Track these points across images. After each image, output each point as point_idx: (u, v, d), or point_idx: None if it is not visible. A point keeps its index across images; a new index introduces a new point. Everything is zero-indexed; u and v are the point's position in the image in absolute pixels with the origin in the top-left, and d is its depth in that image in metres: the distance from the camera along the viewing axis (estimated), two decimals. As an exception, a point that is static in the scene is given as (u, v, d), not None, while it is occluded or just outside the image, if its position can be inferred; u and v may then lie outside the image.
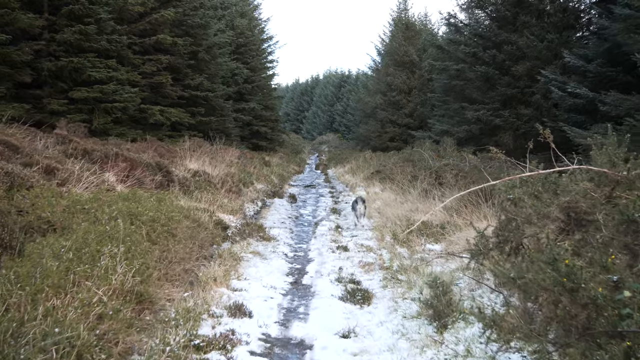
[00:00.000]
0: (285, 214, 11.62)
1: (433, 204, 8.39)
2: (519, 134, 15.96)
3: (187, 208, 6.40)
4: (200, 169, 10.46)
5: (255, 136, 29.77)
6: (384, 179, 13.15)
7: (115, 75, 14.69)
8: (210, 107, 20.67)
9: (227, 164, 13.37)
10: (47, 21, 13.69)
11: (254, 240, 7.84)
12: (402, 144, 31.18)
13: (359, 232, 9.54)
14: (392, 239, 7.71)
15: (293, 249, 8.22)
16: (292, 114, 78.97)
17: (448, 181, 10.67)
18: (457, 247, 6.05)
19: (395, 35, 34.23)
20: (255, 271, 6.39)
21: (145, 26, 17.26)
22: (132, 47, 17.02)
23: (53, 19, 13.80)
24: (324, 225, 10.37)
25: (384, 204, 10.44)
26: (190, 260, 4.82)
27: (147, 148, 11.60)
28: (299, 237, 9.42)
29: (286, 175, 20.52)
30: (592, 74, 12.39)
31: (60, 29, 13.76)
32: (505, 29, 16.59)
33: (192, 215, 5.93)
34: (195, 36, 19.47)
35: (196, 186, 8.84)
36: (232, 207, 9.33)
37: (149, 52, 17.77)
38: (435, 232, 7.33)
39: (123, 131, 15.23)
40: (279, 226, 9.97)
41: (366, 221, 10.84)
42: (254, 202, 12.00)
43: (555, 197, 2.90)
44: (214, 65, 21.62)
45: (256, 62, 31.06)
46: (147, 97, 17.20)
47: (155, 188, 7.01)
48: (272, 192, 14.97)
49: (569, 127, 11.00)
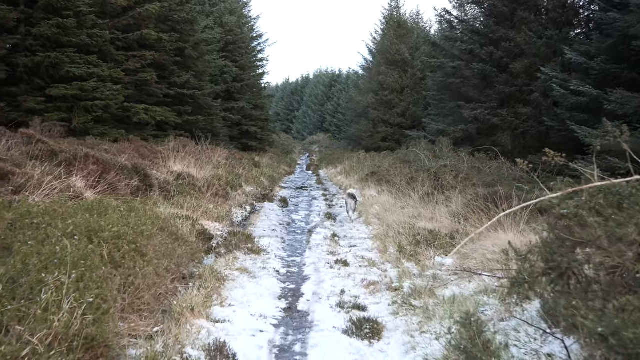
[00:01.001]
0: (276, 220, 10.76)
1: (437, 209, 7.75)
2: (517, 134, 15.45)
3: (165, 217, 5.58)
4: (184, 171, 9.73)
5: (244, 136, 29.09)
6: (380, 181, 12.50)
7: (96, 72, 13.96)
8: (197, 105, 19.95)
9: (215, 165, 12.66)
10: (23, 14, 12.93)
11: (241, 253, 6.94)
12: (394, 144, 30.76)
13: (357, 241, 8.68)
14: (397, 252, 6.84)
15: (286, 264, 7.31)
16: (283, 113, 78.40)
17: (448, 183, 10.10)
18: (473, 262, 5.39)
19: (387, 33, 33.74)
20: (242, 294, 5.46)
21: (128, 21, 16.53)
22: (115, 43, 16.29)
23: (29, 12, 13.04)
24: (318, 233, 9.52)
25: (382, 209, 9.73)
26: (164, 285, 4.04)
27: (128, 149, 10.90)
28: (291, 248, 8.51)
29: (277, 177, 19.81)
30: (596, 71, 11.89)
31: (37, 23, 13.02)
32: (502, 25, 16.07)
33: (170, 226, 5.08)
34: (181, 32, 18.75)
35: (179, 190, 8.10)
36: (218, 214, 8.55)
37: (133, 48, 17.03)
38: (445, 244, 6.47)
39: (105, 131, 14.50)
40: (270, 235, 9.12)
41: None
42: (243, 206, 11.27)
43: (622, 212, 2.31)
44: (202, 63, 20.91)
45: (245, 61, 30.39)
46: (131, 95, 16.47)
47: (130, 194, 6.30)
48: (262, 195, 14.24)
49: (578, 126, 10.46)
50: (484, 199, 6.83)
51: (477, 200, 6.89)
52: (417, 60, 31.73)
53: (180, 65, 19.19)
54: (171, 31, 18.11)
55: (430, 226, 7.09)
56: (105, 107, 14.17)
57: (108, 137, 14.19)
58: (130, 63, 16.39)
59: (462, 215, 6.94)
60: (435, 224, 7.18)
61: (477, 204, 6.80)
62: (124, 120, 16.47)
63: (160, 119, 16.90)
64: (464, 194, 8.05)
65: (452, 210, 7.40)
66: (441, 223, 7.23)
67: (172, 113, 17.73)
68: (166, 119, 17.19)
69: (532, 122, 14.98)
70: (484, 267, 4.82)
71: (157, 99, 17.74)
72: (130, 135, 15.47)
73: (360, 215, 11.36)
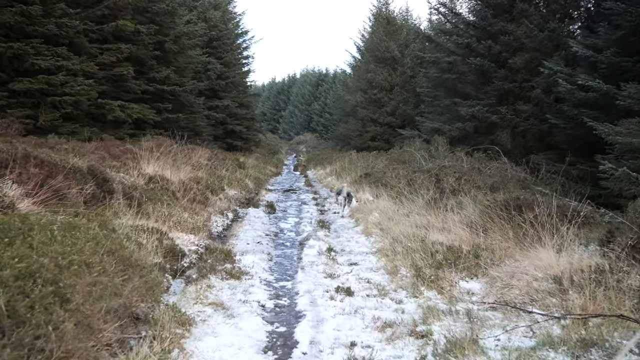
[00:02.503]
0: (261, 230, 9.38)
1: (448, 217, 6.69)
2: (517, 132, 14.65)
3: (121, 234, 4.51)
4: (158, 173, 8.60)
5: (229, 135, 28.04)
6: (376, 183, 11.48)
7: (65, 65, 12.81)
8: (178, 103, 18.83)
9: (194, 166, 11.57)
10: (-19, 0, 11.78)
11: (217, 278, 5.53)
12: (384, 144, 30.02)
13: (358, 256, 7.27)
14: (412, 275, 5.47)
15: (273, 293, 5.76)
16: (269, 113, 77.45)
17: (451, 186, 9.20)
18: (514, 292, 4.21)
19: (376, 30, 32.95)
20: (215, 346, 3.94)
21: (103, 11, 15.37)
22: (88, 35, 15.13)
23: (-11, -2, 11.88)
24: (311, 246, 8.08)
25: (384, 217, 8.44)
26: (94, 348, 2.73)
27: (99, 148, 9.81)
28: (280, 267, 7.05)
29: (263, 179, 18.67)
30: (605, 64, 11.10)
31: (-2, 10, 11.85)
32: (501, 17, 15.26)
33: (123, 248, 3.96)
34: (161, 24, 17.63)
35: (149, 196, 6.93)
36: (193, 223, 7.21)
37: (108, 40, 15.89)
38: (470, 265, 5.19)
39: (75, 129, 13.36)
40: (254, 249, 7.65)
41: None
42: (224, 213, 9.96)
43: None
44: (183, 58, 19.78)
45: (230, 57, 29.33)
46: (106, 91, 15.33)
47: (83, 203, 5.22)
48: (247, 199, 13.02)
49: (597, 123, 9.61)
50: (503, 205, 5.88)
51: (495, 207, 5.94)
52: (406, 57, 31.00)
53: (160, 59, 18.06)
54: (150, 23, 16.98)
55: (444, 239, 6.00)
56: (75, 103, 13.04)
57: (79, 136, 13.06)
58: (105, 56, 15.25)
59: (480, 225, 5.94)
60: (449, 236, 6.09)
61: (497, 211, 5.84)
62: (99, 117, 15.33)
63: (137, 117, 15.77)
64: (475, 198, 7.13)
65: (466, 218, 6.38)
66: (456, 235, 6.12)
67: (150, 110, 16.61)
68: (144, 116, 16.06)
69: (533, 120, 14.18)
70: (531, 299, 3.86)
71: (134, 95, 16.62)
72: (105, 134, 14.36)
73: (352, 215, 10.35)
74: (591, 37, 12.38)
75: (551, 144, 13.86)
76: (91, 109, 14.38)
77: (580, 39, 12.32)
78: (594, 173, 11.24)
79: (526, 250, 4.82)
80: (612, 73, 11.05)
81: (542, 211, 5.40)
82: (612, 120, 10.10)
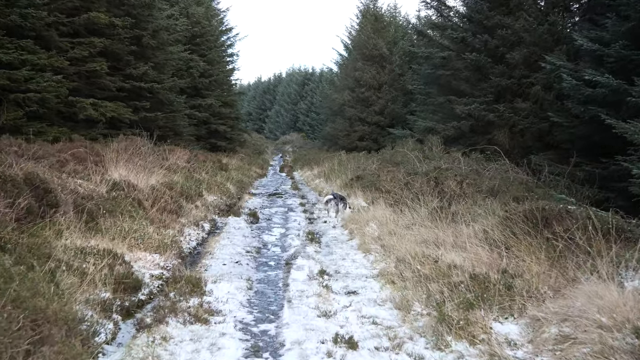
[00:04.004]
0: (241, 245, 8.10)
1: (461, 230, 5.66)
2: (515, 131, 13.87)
3: (62, 260, 3.57)
4: (125, 178, 7.56)
5: (213, 135, 27.04)
6: (369, 187, 10.53)
7: (30, 59, 11.77)
8: (157, 101, 17.75)
9: (170, 169, 10.58)
10: None
11: (178, 322, 4.23)
12: (372, 144, 29.34)
13: (357, 282, 6.10)
14: (434, 318, 4.16)
15: (251, 345, 4.40)
16: (255, 113, 76.47)
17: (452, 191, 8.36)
18: (581, 350, 3.02)
19: (363, 27, 32.16)
20: None
21: (74, 2, 14.33)
22: (58, 28, 14.08)
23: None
24: (300, 268, 6.84)
25: (384, 230, 7.26)
26: None
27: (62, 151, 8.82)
28: (262, 299, 5.76)
29: (246, 181, 17.59)
30: (613, 58, 10.37)
31: (-48, -2, 10.81)
32: (497, 10, 14.50)
33: (42, 292, 2.86)
34: (138, 17, 16.56)
35: (109, 208, 5.94)
36: (160, 240, 6.06)
37: (81, 34, 14.83)
38: (502, 298, 4.02)
39: (42, 129, 12.32)
40: (230, 272, 6.39)
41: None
42: (200, 225, 8.77)
43: None
44: (163, 53, 18.71)
45: (214, 55, 28.36)
46: (79, 88, 14.27)
47: (15, 221, 4.26)
48: (228, 205, 11.85)
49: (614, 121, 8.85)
50: (525, 217, 5.00)
51: (516, 219, 5.05)
52: (395, 55, 30.29)
53: (137, 55, 17.00)
54: (126, 16, 15.93)
55: (461, 260, 4.97)
56: (41, 100, 11.99)
57: (46, 137, 12.03)
58: (77, 51, 14.17)
59: (502, 242, 4.97)
60: (465, 254, 5.09)
61: (519, 224, 4.92)
62: (70, 117, 14.28)
63: (112, 116, 14.72)
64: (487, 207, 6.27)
65: (480, 231, 5.43)
66: (474, 255, 5.03)
67: (127, 109, 15.55)
68: (119, 115, 15.01)
69: (533, 118, 13.43)
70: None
71: (109, 92, 15.55)
72: (75, 135, 13.32)
73: (346, 226, 9.38)
74: (595, 29, 11.67)
75: (551, 144, 13.14)
76: (60, 107, 13.33)
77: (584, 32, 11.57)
78: (602, 175, 10.54)
79: (583, 283, 3.81)
80: (621, 67, 10.32)
81: (570, 224, 4.56)
82: (624, 117, 9.38)
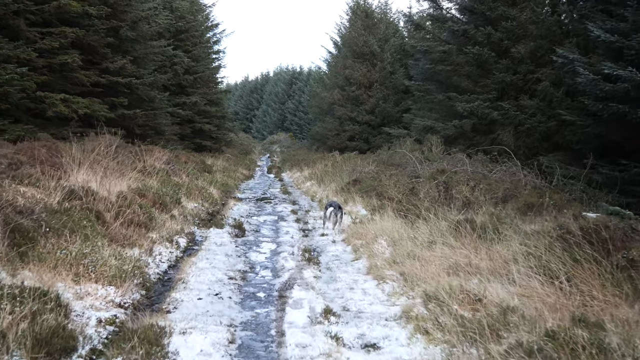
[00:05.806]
0: (223, 269, 6.48)
1: (496, 251, 4.53)
2: (521, 131, 12.96)
3: None
4: (86, 185, 6.34)
5: (198, 135, 25.89)
6: (368, 193, 9.31)
7: (-11, 49, 10.60)
8: (136, 97, 16.55)
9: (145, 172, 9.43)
10: None
11: None
12: (362, 144, 28.49)
13: (375, 328, 4.49)
14: None
15: None
16: (242, 112, 75.31)
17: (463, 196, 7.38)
18: None
19: (353, 24, 31.21)
20: None
21: (44, -11, 13.13)
22: (26, 16, 12.88)
23: None
24: (297, 303, 5.29)
25: (400, 251, 5.77)
26: None
27: (20, 151, 7.68)
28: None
29: (232, 184, 16.23)
30: (635, 50, 9.50)
31: None
32: (501, 1, 13.60)
33: None
34: (115, 7, 15.38)
35: (54, 224, 4.66)
36: (118, 266, 4.67)
37: (52, 23, 13.64)
38: None
39: (4, 126, 11.14)
40: (207, 313, 4.87)
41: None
42: (174, 241, 7.27)
43: None
44: (143, 47, 17.54)
45: (199, 51, 27.24)
46: (49, 82, 13.06)
47: None
48: (210, 214, 10.40)
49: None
50: (583, 237, 3.95)
51: (568, 239, 4.02)
52: (386, 52, 29.40)
53: (115, 48, 15.81)
54: (102, 5, 14.74)
55: (514, 300, 3.67)
56: (3, 95, 10.82)
57: (8, 135, 10.85)
58: (46, 42, 12.97)
59: (562, 272, 3.85)
60: (514, 289, 3.87)
61: (579, 246, 3.86)
62: (40, 113, 13.09)
63: (84, 112, 13.52)
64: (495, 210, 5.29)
65: (520, 252, 4.32)
66: (529, 289, 3.79)
67: (102, 106, 14.35)
68: (93, 112, 13.80)
69: (540, 117, 12.54)
70: None
71: (84, 88, 14.35)
72: (44, 133, 12.15)
73: (347, 240, 8.05)
74: (611, 20, 10.80)
75: (560, 144, 12.26)
76: (27, 103, 12.15)
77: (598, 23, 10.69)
78: (624, 178, 9.67)
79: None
80: (641, 61, 9.47)
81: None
82: None
